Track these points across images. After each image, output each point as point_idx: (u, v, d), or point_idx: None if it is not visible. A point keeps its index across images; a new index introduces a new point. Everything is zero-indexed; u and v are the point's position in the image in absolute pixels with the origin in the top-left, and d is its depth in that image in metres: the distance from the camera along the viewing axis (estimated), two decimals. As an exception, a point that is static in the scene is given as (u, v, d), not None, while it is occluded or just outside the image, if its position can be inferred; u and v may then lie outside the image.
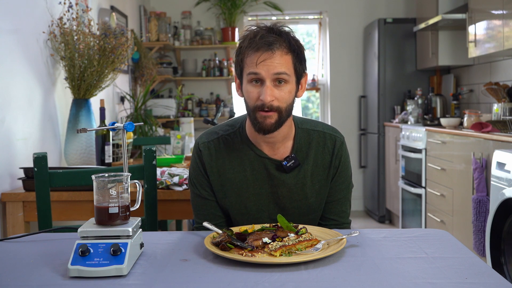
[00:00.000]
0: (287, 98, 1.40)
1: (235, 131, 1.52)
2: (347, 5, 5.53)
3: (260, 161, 1.49)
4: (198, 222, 1.54)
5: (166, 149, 3.80)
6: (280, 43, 1.38)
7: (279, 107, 1.39)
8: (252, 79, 1.39)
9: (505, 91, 3.53)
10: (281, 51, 1.38)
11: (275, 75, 1.37)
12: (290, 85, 1.41)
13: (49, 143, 2.67)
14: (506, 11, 3.25)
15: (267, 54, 1.37)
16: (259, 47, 1.37)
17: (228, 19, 5.34)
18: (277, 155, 1.49)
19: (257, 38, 1.38)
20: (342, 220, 1.57)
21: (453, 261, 1.14)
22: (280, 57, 1.37)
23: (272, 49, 1.37)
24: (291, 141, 1.50)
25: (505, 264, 2.57)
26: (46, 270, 1.11)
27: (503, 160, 2.60)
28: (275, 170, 1.48)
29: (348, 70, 5.59)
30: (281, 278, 1.05)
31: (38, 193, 1.72)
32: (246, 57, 1.40)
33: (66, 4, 2.74)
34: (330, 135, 1.53)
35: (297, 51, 1.41)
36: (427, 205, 4.05)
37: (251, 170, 1.49)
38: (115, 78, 2.81)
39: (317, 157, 1.50)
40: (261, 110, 1.38)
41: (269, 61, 1.36)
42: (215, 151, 1.50)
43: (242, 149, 1.49)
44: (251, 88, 1.40)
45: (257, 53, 1.37)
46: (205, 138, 1.53)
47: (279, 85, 1.39)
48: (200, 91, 5.60)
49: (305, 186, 1.50)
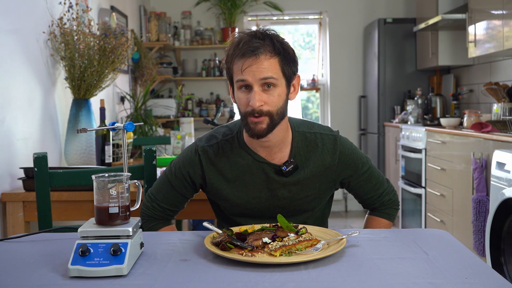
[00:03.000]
0: (277, 102, 1.40)
1: (233, 136, 1.52)
2: (347, 5, 5.53)
3: (259, 166, 1.49)
4: (153, 195, 1.56)
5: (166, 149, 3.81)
6: (264, 48, 1.37)
7: (270, 111, 1.39)
8: (240, 86, 1.40)
9: (505, 91, 3.53)
10: (266, 55, 1.37)
11: (262, 80, 1.37)
12: (280, 88, 1.40)
13: (49, 143, 2.67)
14: (506, 11, 3.25)
15: (251, 60, 1.36)
16: (243, 53, 1.37)
17: (228, 19, 5.34)
18: (275, 159, 1.49)
19: (241, 44, 1.38)
20: (384, 194, 1.62)
21: (453, 261, 1.14)
22: (266, 62, 1.37)
23: (256, 54, 1.36)
24: (289, 145, 1.50)
25: (505, 264, 2.57)
26: (46, 270, 1.12)
27: (503, 160, 2.60)
28: (274, 174, 1.49)
29: (348, 70, 5.59)
30: (281, 278, 1.05)
31: (38, 193, 1.72)
32: (233, 64, 1.41)
33: (66, 4, 2.74)
34: (327, 135, 1.53)
35: (283, 53, 1.40)
36: (427, 205, 4.05)
37: (249, 175, 1.49)
38: (115, 78, 2.81)
39: (317, 158, 1.50)
40: (252, 116, 1.39)
41: (254, 67, 1.36)
42: (214, 156, 1.50)
43: (240, 154, 1.50)
44: (240, 94, 1.40)
45: (242, 59, 1.37)
46: (205, 143, 1.53)
47: (268, 89, 1.38)
48: (200, 91, 5.60)
49: (305, 186, 1.50)
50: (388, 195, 1.63)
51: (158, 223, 1.57)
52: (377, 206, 1.64)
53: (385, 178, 1.65)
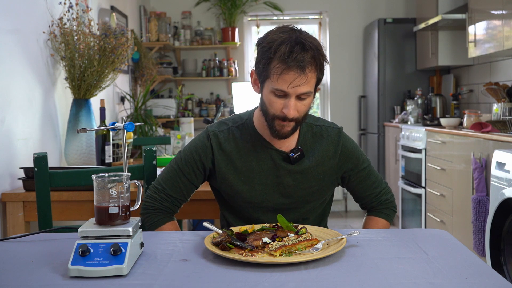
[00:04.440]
0: (306, 109, 1.47)
1: (244, 123, 1.57)
2: (347, 5, 5.53)
3: (267, 152, 1.53)
4: (161, 185, 1.56)
5: (166, 149, 3.81)
6: (311, 64, 1.38)
7: (298, 117, 1.45)
8: (277, 92, 1.41)
9: (505, 91, 3.53)
10: (312, 73, 1.39)
11: (301, 94, 1.41)
12: (310, 97, 1.45)
13: (49, 143, 2.67)
14: (506, 11, 3.25)
15: (299, 79, 1.37)
16: (290, 67, 1.36)
17: (228, 19, 5.34)
18: (283, 147, 1.54)
19: (287, 53, 1.35)
20: (381, 193, 1.65)
21: (453, 261, 1.14)
22: (310, 79, 1.39)
23: (304, 72, 1.37)
24: (296, 134, 1.56)
25: (505, 264, 2.57)
26: (46, 270, 1.12)
27: (502, 160, 2.60)
28: (281, 161, 1.53)
29: (348, 70, 5.59)
30: (281, 278, 1.05)
31: (38, 193, 1.72)
32: (273, 69, 1.38)
33: (66, 4, 2.74)
34: (332, 128, 1.60)
35: (322, 67, 1.42)
36: (427, 205, 4.05)
37: (257, 161, 1.53)
38: (115, 78, 2.81)
39: (322, 148, 1.56)
40: (280, 120, 1.43)
41: (297, 82, 1.38)
42: (224, 141, 1.54)
43: (250, 140, 1.54)
44: (274, 98, 1.43)
45: (288, 73, 1.37)
46: (216, 128, 1.57)
47: (301, 100, 1.42)
48: (200, 91, 5.60)
49: (309, 175, 1.55)
50: (385, 195, 1.65)
51: (164, 217, 1.55)
52: (375, 205, 1.66)
53: (384, 180, 1.68)
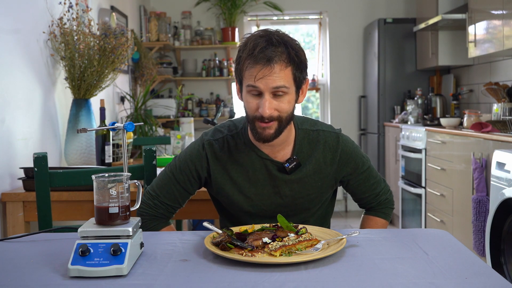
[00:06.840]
0: (287, 108, 1.40)
1: (238, 132, 1.53)
2: (347, 5, 5.53)
3: (262, 163, 1.50)
4: (155, 192, 1.54)
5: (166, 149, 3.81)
6: (279, 56, 1.36)
7: (280, 116, 1.40)
8: (251, 91, 1.39)
9: (505, 91, 3.53)
10: (280, 65, 1.36)
11: (274, 88, 1.37)
12: (290, 95, 1.40)
13: (49, 143, 2.67)
14: (506, 11, 3.25)
15: (266, 70, 1.35)
16: (257, 61, 1.35)
17: (228, 19, 5.34)
18: (278, 157, 1.50)
19: (256, 50, 1.35)
20: (381, 193, 1.64)
21: (453, 261, 1.14)
22: (280, 71, 1.36)
23: (271, 64, 1.35)
24: (291, 143, 1.51)
25: (505, 264, 2.57)
26: (46, 270, 1.11)
27: (503, 160, 2.60)
28: (276, 171, 1.50)
29: (348, 70, 5.59)
30: (281, 278, 1.05)
31: (38, 193, 1.72)
32: (245, 68, 1.39)
33: (66, 4, 2.74)
34: (329, 133, 1.54)
35: (297, 61, 1.39)
36: (427, 205, 4.05)
37: (252, 171, 1.50)
38: (115, 78, 2.80)
39: (319, 155, 1.52)
40: (260, 121, 1.39)
41: (267, 76, 1.35)
42: (219, 150, 1.51)
43: (244, 150, 1.50)
44: (250, 98, 1.40)
45: (256, 67, 1.36)
46: (211, 136, 1.54)
47: (278, 97, 1.38)
48: (200, 91, 5.60)
49: (307, 183, 1.51)
50: (384, 194, 1.64)
51: (159, 223, 1.55)
52: (374, 206, 1.65)
53: (382, 178, 1.66)
